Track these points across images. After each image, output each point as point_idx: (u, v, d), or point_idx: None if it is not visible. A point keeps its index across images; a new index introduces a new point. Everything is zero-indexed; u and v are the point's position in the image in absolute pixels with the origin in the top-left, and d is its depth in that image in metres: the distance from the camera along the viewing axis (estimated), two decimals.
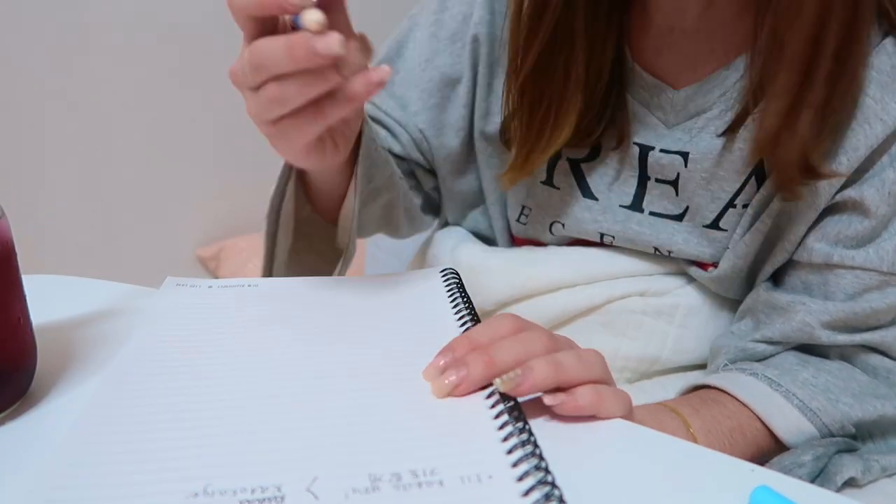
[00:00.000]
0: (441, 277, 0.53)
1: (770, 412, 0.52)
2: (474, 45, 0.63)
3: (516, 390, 0.37)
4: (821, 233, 0.56)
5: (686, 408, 0.51)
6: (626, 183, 0.62)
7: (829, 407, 0.52)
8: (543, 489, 0.31)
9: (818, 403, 0.52)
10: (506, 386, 0.37)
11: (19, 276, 0.39)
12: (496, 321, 0.42)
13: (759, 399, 0.52)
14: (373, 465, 0.33)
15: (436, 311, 0.48)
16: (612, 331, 0.64)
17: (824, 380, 0.54)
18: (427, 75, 0.65)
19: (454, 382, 0.38)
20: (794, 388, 0.53)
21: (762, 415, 0.52)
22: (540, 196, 0.65)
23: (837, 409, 0.52)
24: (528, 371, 0.37)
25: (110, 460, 0.33)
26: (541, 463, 0.33)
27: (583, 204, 0.64)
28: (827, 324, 0.55)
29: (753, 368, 0.56)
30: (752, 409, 0.52)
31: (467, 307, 0.48)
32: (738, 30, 0.56)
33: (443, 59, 0.64)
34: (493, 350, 0.39)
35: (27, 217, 1.41)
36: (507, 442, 0.34)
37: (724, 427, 0.51)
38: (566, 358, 0.39)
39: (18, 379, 0.39)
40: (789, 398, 0.52)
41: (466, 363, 0.38)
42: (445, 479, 0.32)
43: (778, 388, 0.53)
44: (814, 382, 0.54)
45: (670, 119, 0.59)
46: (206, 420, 0.36)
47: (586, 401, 0.38)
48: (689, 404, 0.52)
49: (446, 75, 0.64)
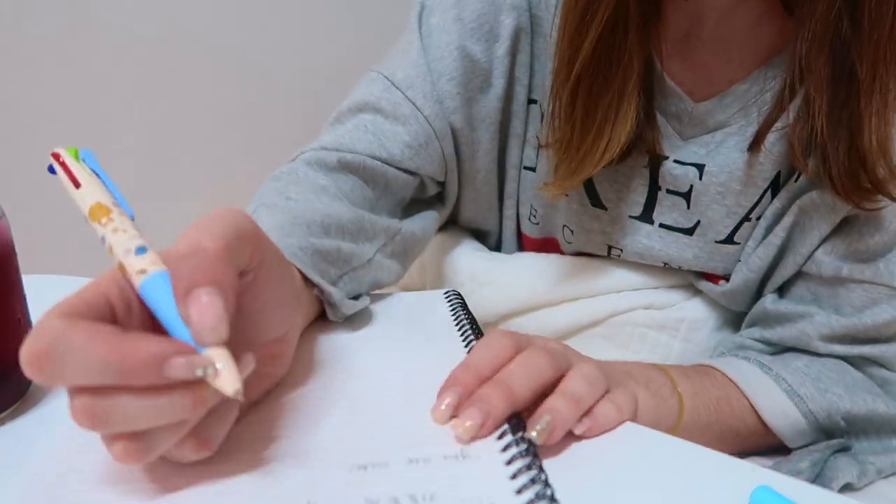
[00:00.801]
0: (444, 299, 0.52)
1: (756, 391, 0.52)
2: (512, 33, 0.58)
3: (551, 437, 0.35)
4: (831, 245, 0.56)
5: (675, 371, 0.52)
6: (637, 192, 0.60)
7: (818, 395, 0.53)
8: (535, 487, 0.31)
9: (806, 390, 0.53)
10: (542, 437, 0.35)
11: (19, 276, 0.39)
12: (493, 343, 0.40)
13: (748, 378, 0.53)
14: (371, 489, 0.32)
15: (439, 333, 0.47)
16: (615, 344, 0.64)
17: (816, 370, 0.54)
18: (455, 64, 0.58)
19: (478, 423, 0.35)
20: (784, 374, 0.53)
21: (748, 393, 0.52)
22: (546, 199, 0.64)
23: (826, 398, 0.53)
24: (555, 415, 0.36)
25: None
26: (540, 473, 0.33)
27: (591, 213, 0.62)
28: (827, 337, 0.56)
29: (747, 354, 0.57)
30: (739, 386, 0.53)
31: (473, 330, 0.47)
32: (756, 39, 0.55)
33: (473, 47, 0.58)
34: (509, 380, 0.37)
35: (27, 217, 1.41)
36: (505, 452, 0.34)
37: (712, 395, 0.52)
38: (578, 387, 0.38)
39: (18, 379, 0.39)
40: (778, 382, 0.53)
41: (485, 399, 0.36)
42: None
43: (768, 371, 0.54)
44: (805, 371, 0.54)
45: (686, 131, 0.58)
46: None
47: (611, 419, 0.38)
48: (680, 370, 0.53)
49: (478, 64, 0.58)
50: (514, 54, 0.59)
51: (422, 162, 0.58)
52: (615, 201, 0.61)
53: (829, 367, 0.55)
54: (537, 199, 0.65)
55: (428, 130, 0.57)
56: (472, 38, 0.57)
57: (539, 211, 0.65)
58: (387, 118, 0.57)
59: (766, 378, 0.53)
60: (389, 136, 0.57)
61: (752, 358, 0.55)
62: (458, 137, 0.60)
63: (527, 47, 0.59)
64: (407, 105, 0.57)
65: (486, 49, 0.58)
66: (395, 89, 0.58)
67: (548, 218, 0.65)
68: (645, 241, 0.61)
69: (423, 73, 0.57)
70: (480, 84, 0.59)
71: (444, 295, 0.53)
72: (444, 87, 0.57)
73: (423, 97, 0.57)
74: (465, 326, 0.47)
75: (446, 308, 0.51)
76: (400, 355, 0.44)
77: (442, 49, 0.57)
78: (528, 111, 0.62)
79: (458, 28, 0.57)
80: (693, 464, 0.36)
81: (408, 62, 0.58)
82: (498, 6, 0.57)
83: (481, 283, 0.65)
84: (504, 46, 0.58)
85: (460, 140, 0.60)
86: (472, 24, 0.57)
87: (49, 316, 0.28)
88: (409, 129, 0.57)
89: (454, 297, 0.52)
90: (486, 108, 0.60)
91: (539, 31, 0.59)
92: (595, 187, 0.61)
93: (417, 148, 0.57)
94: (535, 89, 0.61)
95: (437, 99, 0.57)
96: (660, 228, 0.61)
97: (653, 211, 0.60)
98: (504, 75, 0.59)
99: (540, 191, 0.59)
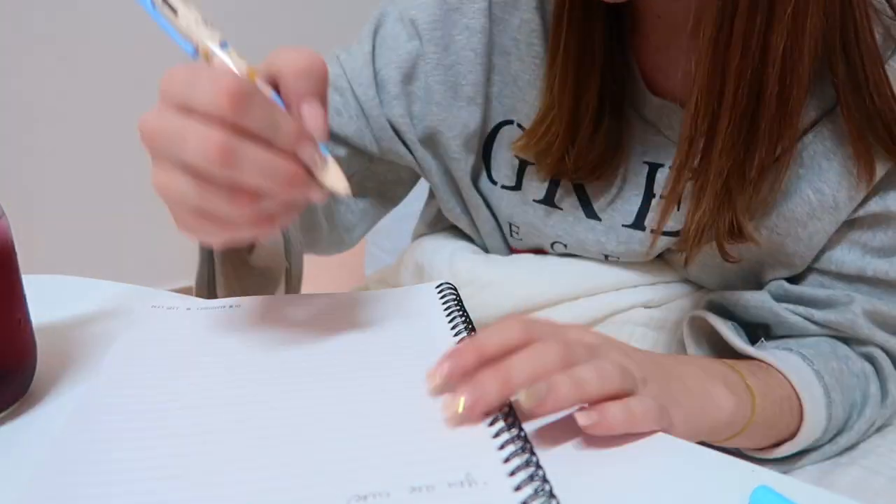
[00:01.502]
0: (437, 293, 0.51)
1: (808, 398, 0.52)
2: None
3: (539, 407, 0.35)
4: (847, 246, 0.56)
5: (742, 367, 0.51)
6: (629, 201, 0.60)
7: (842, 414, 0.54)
8: (533, 484, 0.31)
9: (835, 410, 0.53)
10: (529, 401, 0.35)
11: (19, 277, 0.39)
12: (505, 327, 0.39)
13: (805, 382, 0.52)
14: (364, 487, 0.32)
15: (432, 328, 0.46)
16: None
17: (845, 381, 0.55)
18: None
19: (468, 404, 0.36)
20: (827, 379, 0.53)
21: (804, 398, 0.51)
22: (531, 215, 0.63)
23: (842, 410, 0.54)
24: (552, 388, 0.36)
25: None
26: (537, 471, 0.33)
27: (586, 225, 0.62)
28: (870, 313, 0.56)
29: (791, 346, 0.56)
30: (796, 389, 0.52)
31: (465, 324, 0.46)
32: None
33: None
34: (508, 368, 0.37)
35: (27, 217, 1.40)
36: (503, 449, 0.34)
37: (776, 394, 0.51)
38: (586, 373, 0.37)
39: (18, 379, 0.39)
40: (826, 397, 0.53)
41: (481, 383, 0.36)
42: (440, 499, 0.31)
43: (821, 379, 0.53)
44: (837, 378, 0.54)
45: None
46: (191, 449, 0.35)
47: (617, 421, 0.36)
48: (746, 366, 0.51)
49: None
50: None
51: (350, 131, 0.61)
52: (608, 212, 0.61)
53: (856, 371, 0.56)
54: (520, 216, 0.64)
55: (356, 105, 0.60)
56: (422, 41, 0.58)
57: (521, 228, 0.65)
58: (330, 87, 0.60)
59: (818, 385, 0.53)
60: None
61: (806, 356, 0.54)
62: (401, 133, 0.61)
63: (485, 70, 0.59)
64: (343, 80, 0.61)
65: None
66: (339, 67, 0.61)
67: (532, 234, 0.65)
68: (638, 248, 0.61)
69: (368, 74, 0.60)
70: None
71: (437, 288, 0.52)
72: (386, 81, 0.60)
73: (356, 78, 0.60)
74: (458, 323, 0.46)
75: (439, 303, 0.50)
76: (391, 360, 0.43)
77: (390, 57, 0.59)
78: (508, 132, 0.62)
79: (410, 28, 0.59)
80: (693, 464, 0.36)
81: (357, 48, 0.61)
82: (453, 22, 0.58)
83: (481, 285, 0.65)
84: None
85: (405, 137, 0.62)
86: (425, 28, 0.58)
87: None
88: (343, 100, 0.61)
89: (447, 290, 0.51)
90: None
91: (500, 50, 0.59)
92: (589, 199, 0.61)
93: (347, 118, 0.61)
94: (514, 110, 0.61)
95: (371, 83, 0.60)
96: (651, 235, 0.61)
97: (645, 218, 0.60)
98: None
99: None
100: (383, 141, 0.61)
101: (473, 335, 0.45)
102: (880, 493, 0.51)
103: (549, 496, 0.31)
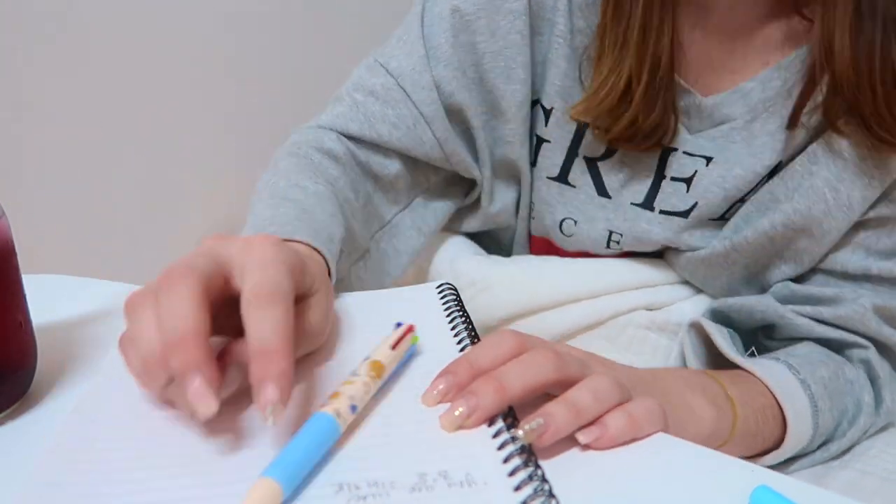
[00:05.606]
0: (437, 293, 0.51)
1: (790, 407, 0.52)
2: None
3: (539, 441, 0.35)
4: (852, 248, 0.57)
5: (724, 377, 0.51)
6: (640, 182, 0.62)
7: (831, 422, 0.54)
8: (533, 484, 0.31)
9: (822, 419, 0.53)
10: (529, 437, 0.34)
11: (19, 277, 0.39)
12: (496, 340, 0.39)
13: (785, 391, 0.52)
14: (363, 487, 0.32)
15: (432, 329, 0.45)
16: (615, 345, 0.64)
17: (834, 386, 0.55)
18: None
19: (465, 414, 0.36)
20: (813, 386, 0.53)
21: (785, 408, 0.51)
22: (545, 192, 0.64)
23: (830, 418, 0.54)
24: (549, 419, 0.35)
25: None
26: (537, 471, 0.33)
27: (597, 202, 0.63)
28: (878, 308, 0.56)
29: (778, 356, 0.56)
30: (777, 397, 0.51)
31: (465, 325, 0.46)
32: (763, 34, 0.56)
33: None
34: (502, 375, 0.37)
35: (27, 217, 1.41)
36: (503, 449, 0.34)
37: (758, 403, 0.51)
38: (581, 397, 0.37)
39: (18, 379, 0.39)
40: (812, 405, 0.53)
41: (475, 392, 0.36)
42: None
43: (807, 388, 0.53)
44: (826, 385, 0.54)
45: (694, 125, 0.59)
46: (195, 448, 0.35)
47: (620, 430, 0.36)
48: (727, 376, 0.52)
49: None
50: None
51: (410, 143, 0.61)
52: (618, 190, 0.62)
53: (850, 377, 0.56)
54: (535, 192, 0.66)
55: (415, 113, 0.60)
56: (468, 30, 0.59)
57: (535, 205, 0.66)
58: (377, 100, 0.61)
59: (803, 395, 0.52)
60: (379, 118, 0.61)
61: (792, 365, 0.54)
62: (467, 118, 0.62)
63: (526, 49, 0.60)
64: (398, 91, 0.61)
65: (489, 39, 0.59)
66: (388, 76, 0.61)
67: (541, 214, 0.66)
68: (644, 226, 0.62)
69: (418, 60, 0.60)
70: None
71: (437, 289, 0.51)
72: (440, 73, 0.60)
73: (411, 84, 0.60)
74: (458, 324, 0.46)
75: (439, 304, 0.49)
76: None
77: (440, 37, 0.59)
78: (532, 112, 0.62)
79: (455, 19, 0.59)
80: (693, 464, 0.36)
81: (404, 51, 0.61)
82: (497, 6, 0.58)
83: (482, 287, 0.65)
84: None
85: (471, 121, 0.62)
86: (470, 17, 0.59)
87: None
88: (397, 112, 0.61)
89: (448, 291, 0.51)
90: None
91: (538, 31, 0.59)
92: (602, 177, 0.63)
93: (405, 130, 0.61)
94: (538, 90, 0.62)
95: (430, 85, 0.60)
96: (660, 214, 0.62)
97: (654, 199, 0.61)
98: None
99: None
100: (447, 143, 0.62)
101: (473, 335, 0.45)
102: (874, 494, 0.51)
103: (549, 496, 0.31)
